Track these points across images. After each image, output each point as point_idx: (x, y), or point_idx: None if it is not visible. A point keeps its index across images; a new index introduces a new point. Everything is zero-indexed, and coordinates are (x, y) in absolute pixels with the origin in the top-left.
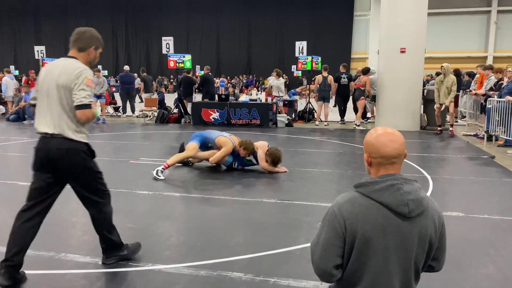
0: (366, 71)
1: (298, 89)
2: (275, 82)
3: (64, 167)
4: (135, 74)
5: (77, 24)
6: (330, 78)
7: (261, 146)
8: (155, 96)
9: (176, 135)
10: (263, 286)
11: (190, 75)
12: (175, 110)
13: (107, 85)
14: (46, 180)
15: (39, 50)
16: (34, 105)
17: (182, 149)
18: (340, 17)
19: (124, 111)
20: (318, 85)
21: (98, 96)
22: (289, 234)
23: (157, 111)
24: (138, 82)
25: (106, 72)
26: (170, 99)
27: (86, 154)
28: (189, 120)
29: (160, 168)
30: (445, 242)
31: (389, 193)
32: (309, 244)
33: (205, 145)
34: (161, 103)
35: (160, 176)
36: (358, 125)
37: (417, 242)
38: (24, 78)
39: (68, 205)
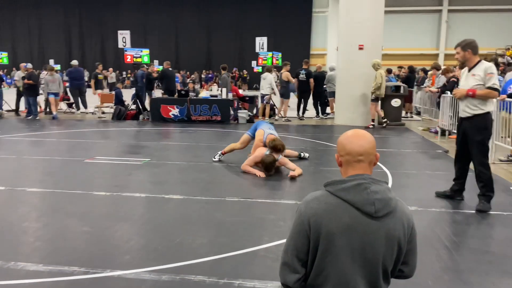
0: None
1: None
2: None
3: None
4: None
5: (27, 16)
6: (285, 74)
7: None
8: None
9: (133, 132)
10: None
11: (144, 69)
12: (133, 107)
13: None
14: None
15: None
16: None
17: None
18: (299, 14)
19: (78, 107)
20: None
21: (55, 94)
22: (253, 234)
23: (114, 107)
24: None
25: (59, 67)
26: (127, 95)
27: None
28: (147, 117)
29: (219, 152)
30: (416, 246)
31: (356, 191)
32: (273, 244)
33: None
34: (119, 99)
35: (215, 159)
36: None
37: (384, 243)
38: None
39: (18, 209)
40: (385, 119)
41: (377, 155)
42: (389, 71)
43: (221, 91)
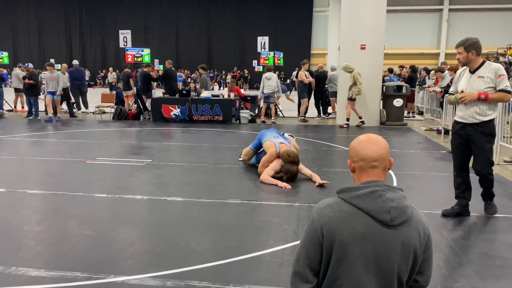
0: None
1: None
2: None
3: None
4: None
5: (27, 15)
6: (300, 73)
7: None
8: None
9: (134, 132)
10: None
11: (147, 69)
12: (134, 106)
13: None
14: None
15: None
16: None
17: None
18: (299, 13)
19: (79, 107)
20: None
21: (52, 93)
22: (258, 237)
23: (114, 107)
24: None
25: (59, 66)
26: None
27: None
28: (148, 117)
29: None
30: (432, 255)
31: (371, 199)
32: (278, 248)
33: (260, 148)
34: (119, 99)
35: (240, 159)
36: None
37: (400, 252)
38: None
39: (19, 211)
40: (361, 119)
41: (391, 161)
42: (390, 71)
43: (201, 91)
